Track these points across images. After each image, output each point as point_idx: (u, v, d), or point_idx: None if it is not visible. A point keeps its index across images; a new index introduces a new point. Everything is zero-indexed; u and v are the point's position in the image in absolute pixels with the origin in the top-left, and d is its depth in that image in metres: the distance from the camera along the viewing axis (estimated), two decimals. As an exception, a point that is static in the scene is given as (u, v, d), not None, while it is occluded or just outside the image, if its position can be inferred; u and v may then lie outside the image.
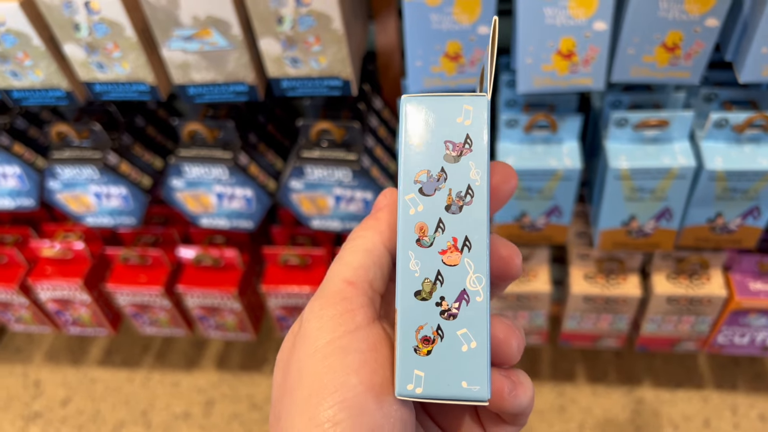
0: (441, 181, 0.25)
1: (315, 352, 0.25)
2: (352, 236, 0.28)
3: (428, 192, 0.25)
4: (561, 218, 0.65)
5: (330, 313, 0.25)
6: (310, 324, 0.25)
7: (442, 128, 0.25)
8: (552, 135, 0.61)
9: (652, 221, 0.63)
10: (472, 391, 0.24)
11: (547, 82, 0.55)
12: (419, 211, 0.25)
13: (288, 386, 0.25)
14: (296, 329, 0.27)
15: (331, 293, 0.26)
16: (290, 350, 0.26)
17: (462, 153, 0.25)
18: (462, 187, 0.24)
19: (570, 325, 0.80)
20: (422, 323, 0.24)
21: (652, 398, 1.01)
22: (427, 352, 0.24)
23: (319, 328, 0.25)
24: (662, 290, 0.72)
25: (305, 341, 0.25)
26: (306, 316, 0.26)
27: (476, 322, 0.24)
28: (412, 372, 0.24)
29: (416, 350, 0.24)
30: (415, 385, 0.24)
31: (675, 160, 0.58)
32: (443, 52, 0.53)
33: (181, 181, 0.69)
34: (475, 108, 0.25)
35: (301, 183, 0.66)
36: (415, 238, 0.25)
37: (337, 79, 0.57)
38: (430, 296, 0.24)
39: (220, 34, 0.54)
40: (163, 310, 0.86)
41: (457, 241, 0.24)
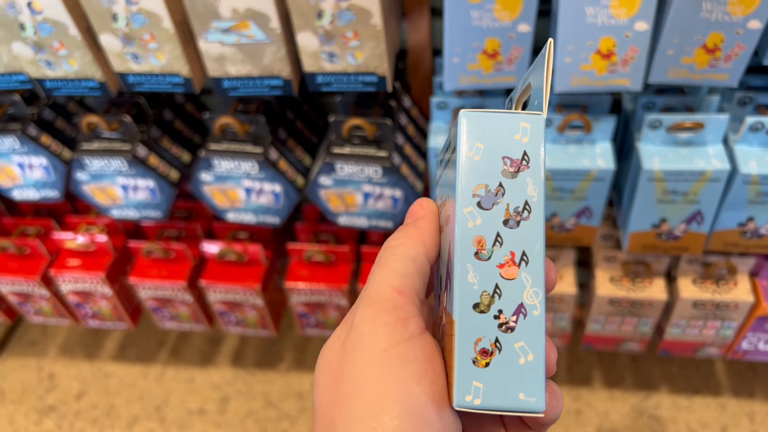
0: (499, 195, 0.25)
1: (372, 359, 0.25)
2: (393, 243, 0.28)
3: (486, 206, 0.25)
4: (591, 219, 0.65)
5: (384, 320, 0.25)
6: (363, 330, 0.25)
7: (499, 144, 0.25)
8: (585, 135, 0.61)
9: (682, 224, 0.63)
10: (529, 403, 0.24)
11: (585, 81, 0.55)
12: (477, 225, 0.25)
13: (344, 393, 0.25)
14: (343, 334, 0.27)
15: (382, 301, 0.26)
16: (339, 356, 0.26)
17: (519, 169, 0.25)
18: (519, 202, 0.25)
19: (593, 328, 0.79)
20: (480, 335, 0.25)
21: (669, 404, 1.00)
22: (486, 364, 0.24)
23: (374, 335, 0.25)
24: (688, 294, 0.72)
25: (360, 348, 0.25)
26: (357, 322, 0.26)
27: (533, 336, 0.25)
28: (471, 383, 0.24)
29: (474, 362, 0.24)
30: (473, 396, 0.24)
31: (709, 163, 0.58)
32: (481, 49, 0.53)
33: (210, 174, 0.69)
34: (531, 125, 0.25)
35: (331, 179, 0.66)
36: (474, 251, 0.25)
37: (372, 75, 0.57)
38: (488, 309, 0.25)
39: (258, 27, 0.54)
40: (185, 305, 0.86)
41: (514, 256, 0.25)
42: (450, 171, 0.27)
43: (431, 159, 0.66)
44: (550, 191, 0.63)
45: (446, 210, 0.28)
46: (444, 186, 0.29)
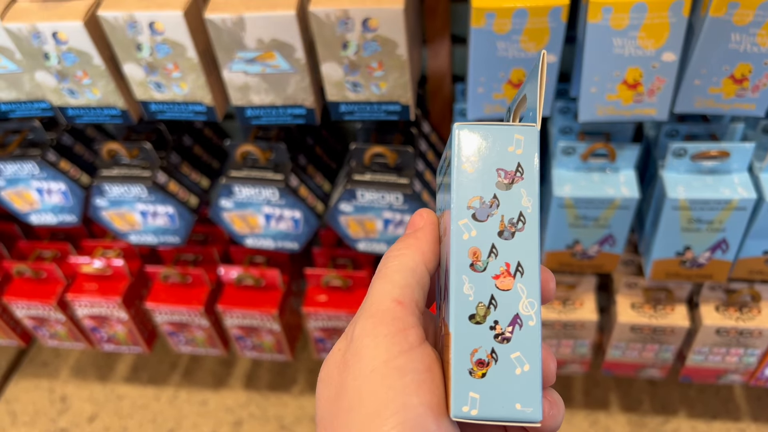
0: (493, 207, 0.26)
1: (372, 371, 0.25)
2: (393, 253, 0.28)
3: (481, 218, 0.26)
4: (614, 247, 0.64)
5: (384, 332, 0.26)
6: (363, 342, 0.26)
7: (494, 156, 0.25)
8: (609, 163, 0.61)
9: (707, 252, 0.62)
10: (526, 413, 0.24)
11: (611, 111, 0.54)
12: (472, 236, 0.25)
13: (344, 405, 0.25)
14: (344, 347, 0.27)
15: (382, 312, 0.26)
16: (341, 368, 0.26)
17: (514, 181, 0.26)
18: (514, 213, 0.25)
19: (614, 355, 0.78)
20: (477, 346, 0.25)
21: (688, 429, 0.99)
22: (482, 374, 0.25)
23: (374, 347, 0.25)
24: (711, 321, 0.71)
25: (360, 360, 0.25)
26: (357, 334, 0.26)
27: (529, 346, 0.25)
28: (468, 394, 0.24)
29: (471, 373, 0.25)
30: (470, 407, 0.24)
31: (735, 191, 0.58)
32: (507, 79, 0.53)
33: (231, 201, 0.68)
34: (525, 137, 0.25)
35: (351, 206, 0.66)
36: (469, 263, 0.25)
37: (396, 104, 0.57)
38: (484, 320, 0.25)
39: (283, 57, 0.54)
40: (201, 330, 0.86)
41: (509, 267, 0.25)
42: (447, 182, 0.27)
43: None
44: (573, 219, 0.62)
45: (444, 221, 0.28)
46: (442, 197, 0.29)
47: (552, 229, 0.64)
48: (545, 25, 0.49)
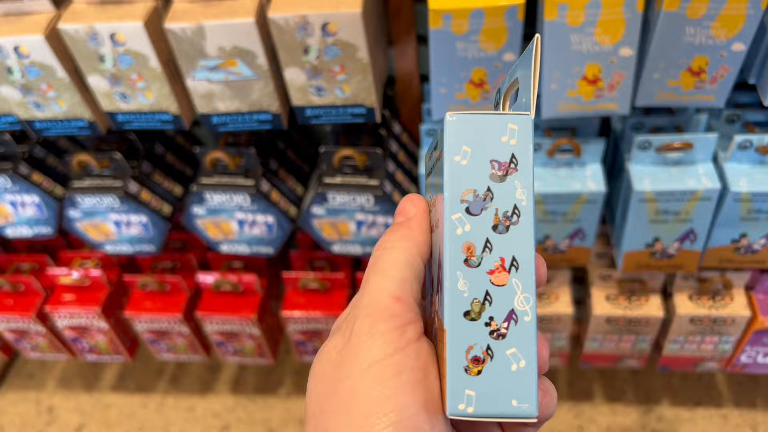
0: (487, 200, 0.25)
1: (368, 369, 0.25)
2: (387, 245, 0.27)
3: (475, 212, 0.25)
4: (584, 241, 0.65)
5: (381, 329, 0.25)
6: (360, 340, 0.25)
7: (486, 147, 0.25)
8: (575, 158, 0.61)
9: (676, 243, 0.63)
10: (522, 409, 0.24)
11: (572, 107, 0.55)
12: (466, 231, 0.25)
13: (338, 402, 0.25)
14: (340, 344, 0.26)
15: (380, 310, 0.26)
16: (335, 365, 0.26)
17: (508, 172, 0.25)
18: (508, 207, 0.25)
19: (592, 347, 0.79)
20: (472, 343, 0.24)
21: (671, 417, 1.00)
22: (478, 372, 0.24)
23: (370, 346, 0.25)
24: (685, 311, 0.72)
25: (355, 358, 0.25)
26: (355, 332, 0.26)
27: (525, 342, 0.24)
28: (464, 392, 0.24)
29: (467, 370, 0.24)
30: (466, 404, 0.24)
31: (699, 182, 0.58)
32: (468, 79, 0.54)
33: (203, 208, 0.68)
34: (519, 127, 0.25)
35: (323, 209, 0.66)
36: (463, 258, 0.25)
37: (361, 107, 0.57)
38: (479, 316, 0.25)
39: (245, 64, 0.54)
40: (181, 336, 0.86)
41: (504, 261, 0.25)
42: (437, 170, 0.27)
43: (422, 185, 0.66)
44: (542, 214, 0.63)
45: (436, 211, 0.27)
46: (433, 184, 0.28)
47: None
48: (502, 24, 0.49)
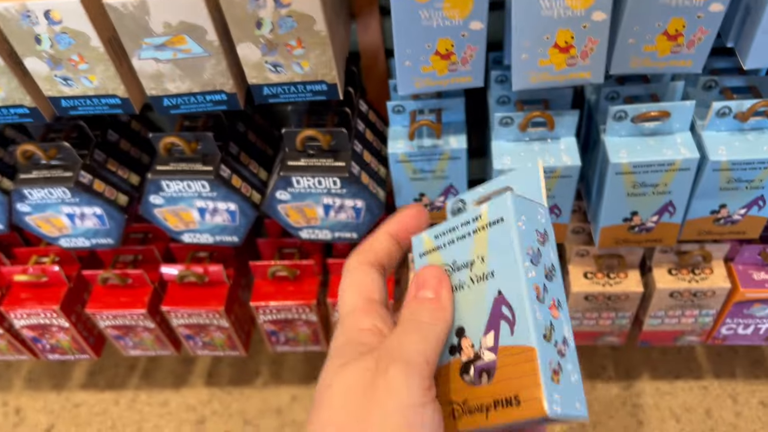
0: (538, 256, 0.32)
1: (401, 410, 0.28)
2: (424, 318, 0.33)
3: (535, 263, 0.32)
4: (560, 217, 0.63)
5: (416, 381, 0.29)
6: (396, 380, 0.29)
7: (533, 221, 0.33)
8: (548, 132, 0.59)
9: (654, 216, 0.61)
10: (580, 411, 0.30)
11: (545, 77, 0.52)
12: (533, 276, 0.32)
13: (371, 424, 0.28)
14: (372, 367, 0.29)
15: (416, 365, 0.30)
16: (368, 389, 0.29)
17: (545, 240, 0.33)
18: (549, 263, 0.33)
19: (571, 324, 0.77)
20: (551, 359, 0.30)
21: (651, 391, 0.99)
22: (558, 381, 0.30)
23: (407, 388, 0.29)
24: (664, 285, 0.70)
25: (391, 397, 0.28)
26: (391, 371, 0.29)
27: (574, 360, 0.32)
28: (554, 396, 0.30)
29: (552, 379, 0.30)
30: (557, 405, 0.29)
31: (677, 152, 0.56)
32: (434, 50, 0.50)
33: (160, 197, 0.65)
34: (544, 212, 0.34)
35: (288, 193, 0.63)
36: (536, 296, 0.31)
37: (321, 83, 0.54)
38: (550, 339, 0.31)
39: (194, 41, 0.51)
40: (147, 331, 0.82)
41: (555, 301, 0.32)
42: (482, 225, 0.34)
43: (392, 164, 0.63)
44: (516, 192, 0.60)
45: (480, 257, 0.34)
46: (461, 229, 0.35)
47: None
48: (467, -11, 0.46)
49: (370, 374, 0.29)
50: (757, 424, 0.94)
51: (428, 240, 0.36)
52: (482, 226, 0.33)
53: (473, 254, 0.33)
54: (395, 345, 0.30)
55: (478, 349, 0.32)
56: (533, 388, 0.29)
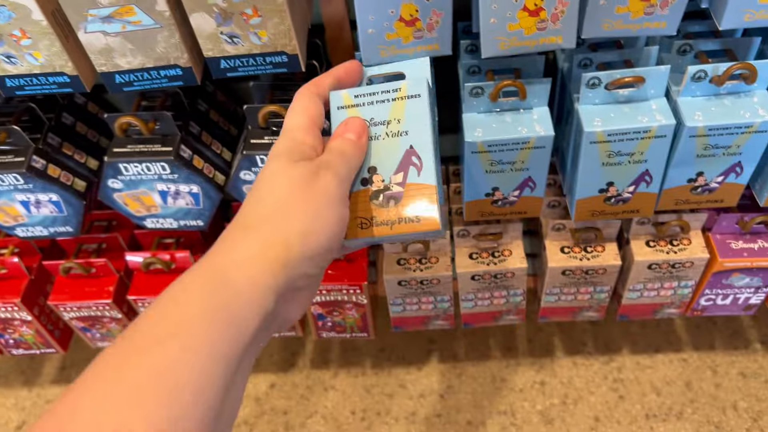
0: (436, 124, 0.46)
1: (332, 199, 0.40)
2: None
3: (435, 129, 0.45)
4: (535, 191, 0.61)
5: (340, 186, 0.41)
6: (328, 181, 0.40)
7: (433, 99, 0.45)
8: (520, 102, 0.56)
9: (631, 186, 0.59)
10: (445, 230, 0.48)
11: (514, 43, 0.50)
12: (435, 139, 0.45)
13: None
14: (314, 168, 0.39)
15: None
16: (308, 183, 0.39)
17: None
18: (437, 129, 0.47)
19: (549, 300, 0.76)
20: (439, 195, 0.43)
21: (632, 365, 0.99)
22: (440, 209, 0.43)
23: (335, 187, 0.40)
24: (642, 257, 0.69)
25: (325, 191, 0.39)
26: (325, 177, 0.40)
27: (442, 196, 0.45)
28: (441, 218, 0.42)
29: (440, 208, 0.43)
30: (441, 224, 0.42)
31: (653, 119, 0.54)
32: (398, 16, 0.48)
33: (119, 181, 0.62)
34: (433, 93, 0.47)
35: (253, 173, 0.60)
36: (436, 151, 0.45)
37: (281, 54, 0.51)
38: (440, 182, 0.45)
39: (143, 11, 0.48)
40: (115, 322, 0.79)
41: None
42: None
43: None
44: (489, 165, 0.58)
45: None
46: None
47: (469, 177, 0.59)
48: (430, -51, 0.44)
49: (309, 173, 0.39)
50: (737, 395, 0.94)
51: (347, 97, 0.45)
52: (401, 96, 0.44)
53: (390, 116, 0.44)
54: (329, 160, 0.40)
55: (388, 183, 0.43)
56: (431, 212, 0.42)
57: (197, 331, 0.31)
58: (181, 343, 0.31)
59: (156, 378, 0.30)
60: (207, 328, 0.32)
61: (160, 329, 0.32)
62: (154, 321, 0.32)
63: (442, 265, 0.71)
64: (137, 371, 0.30)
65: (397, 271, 0.71)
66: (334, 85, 0.45)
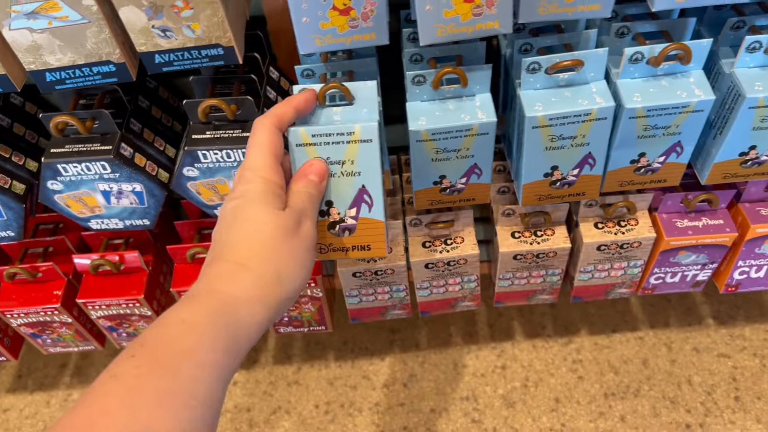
0: (384, 163, 0.52)
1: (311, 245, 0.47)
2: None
3: (384, 168, 0.52)
4: (482, 177, 0.61)
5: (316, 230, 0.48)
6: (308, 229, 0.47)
7: (383, 139, 0.48)
8: (462, 89, 0.57)
9: (575, 169, 0.60)
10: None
11: (452, 29, 0.50)
12: (383, 179, 0.51)
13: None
14: (296, 217, 0.45)
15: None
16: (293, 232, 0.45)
17: None
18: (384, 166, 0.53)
19: (503, 285, 0.77)
20: (386, 225, 0.52)
21: (590, 346, 1.00)
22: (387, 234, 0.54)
23: (314, 234, 0.48)
24: (591, 239, 0.70)
25: (306, 238, 0.46)
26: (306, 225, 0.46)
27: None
28: (389, 245, 0.54)
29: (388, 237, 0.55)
30: (387, 250, 0.51)
31: (593, 101, 0.55)
32: (331, 5, 0.47)
33: (59, 182, 0.60)
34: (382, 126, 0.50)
35: (196, 170, 0.59)
36: (384, 191, 0.52)
37: (216, 47, 0.50)
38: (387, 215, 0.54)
39: (69, 6, 0.46)
40: (65, 327, 0.78)
41: None
42: None
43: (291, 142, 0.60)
44: (434, 153, 0.58)
45: None
46: None
47: (416, 166, 0.59)
48: (360, -64, 0.43)
49: (294, 223, 0.44)
50: (691, 370, 0.96)
51: (305, 135, 0.48)
52: (355, 140, 0.48)
53: (345, 157, 0.48)
54: (305, 209, 0.46)
55: (344, 216, 0.51)
56: (381, 242, 0.52)
57: (208, 354, 0.38)
58: (196, 362, 0.37)
59: (177, 389, 0.36)
60: (215, 352, 0.38)
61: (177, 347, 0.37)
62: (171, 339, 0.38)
63: (395, 255, 0.71)
64: (161, 382, 0.36)
65: (351, 263, 0.71)
66: (294, 117, 0.48)
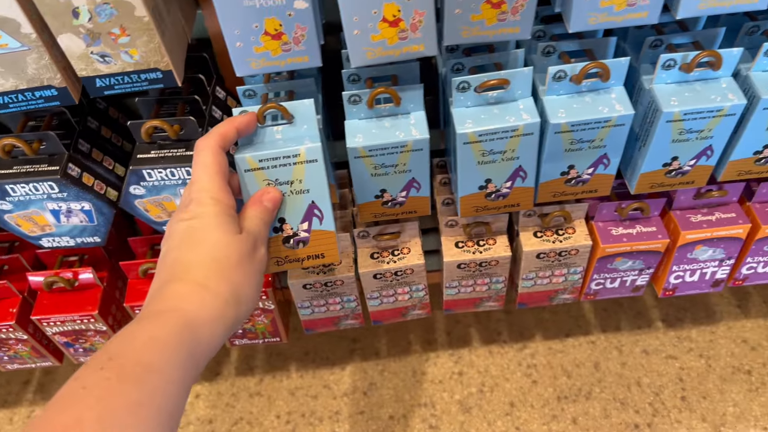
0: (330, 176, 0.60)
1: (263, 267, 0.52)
2: None
3: (330, 181, 0.60)
4: (420, 191, 0.64)
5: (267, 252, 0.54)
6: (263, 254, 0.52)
7: (327, 157, 0.57)
8: (397, 108, 0.59)
9: (508, 182, 0.63)
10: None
11: (380, 52, 0.52)
12: (331, 194, 0.56)
13: None
14: (252, 241, 0.49)
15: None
16: (249, 256, 0.49)
17: None
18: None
19: (450, 293, 0.79)
20: (338, 236, 0.60)
21: (544, 351, 1.03)
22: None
23: (267, 257, 0.53)
24: (530, 247, 0.72)
25: (261, 263, 0.51)
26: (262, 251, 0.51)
27: None
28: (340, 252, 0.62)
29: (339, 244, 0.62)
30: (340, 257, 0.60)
31: (520, 118, 0.58)
32: (263, 31, 0.50)
33: (8, 202, 0.62)
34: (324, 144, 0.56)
35: (142, 188, 0.61)
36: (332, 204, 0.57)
37: (155, 71, 0.52)
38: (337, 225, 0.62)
39: (8, 34, 0.48)
40: (21, 343, 0.79)
41: None
42: None
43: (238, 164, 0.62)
44: (373, 169, 0.60)
45: None
46: None
47: (356, 181, 0.62)
48: (285, -33, 0.46)
49: (251, 247, 0.48)
50: (640, 372, 0.99)
51: (252, 161, 0.52)
52: (301, 161, 0.52)
53: (293, 177, 0.53)
54: (260, 234, 0.50)
55: (297, 230, 0.56)
56: (333, 250, 0.58)
57: (175, 371, 0.40)
58: (165, 378, 0.39)
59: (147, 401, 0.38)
60: (179, 368, 0.41)
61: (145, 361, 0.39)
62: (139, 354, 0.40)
63: (344, 266, 0.73)
64: (131, 394, 0.37)
65: (302, 275, 0.73)
66: (236, 137, 0.51)
